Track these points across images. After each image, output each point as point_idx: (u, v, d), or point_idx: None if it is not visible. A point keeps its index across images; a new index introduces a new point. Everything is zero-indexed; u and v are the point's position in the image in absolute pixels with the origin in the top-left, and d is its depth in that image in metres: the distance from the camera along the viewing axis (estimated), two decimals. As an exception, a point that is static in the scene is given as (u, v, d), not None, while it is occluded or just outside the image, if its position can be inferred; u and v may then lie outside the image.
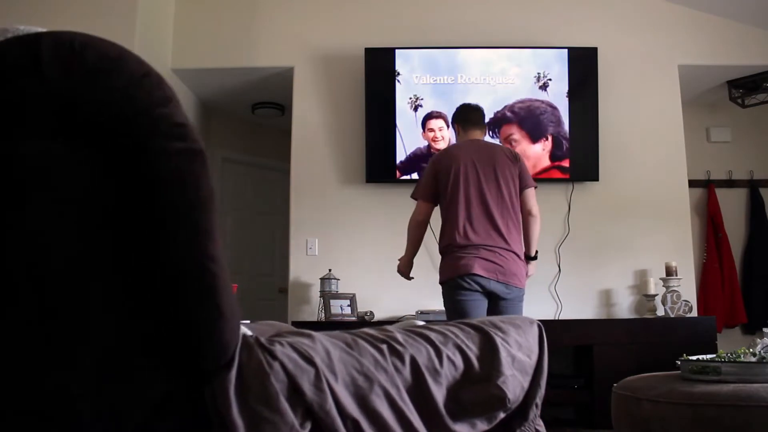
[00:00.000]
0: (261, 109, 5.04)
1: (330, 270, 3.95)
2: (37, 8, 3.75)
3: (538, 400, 1.21)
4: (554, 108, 4.08)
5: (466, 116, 3.06)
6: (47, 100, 0.73)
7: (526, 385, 1.17)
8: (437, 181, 2.91)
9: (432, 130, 4.09)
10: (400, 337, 1.05)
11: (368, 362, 0.96)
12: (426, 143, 4.09)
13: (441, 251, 2.89)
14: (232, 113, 5.23)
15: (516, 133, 4.08)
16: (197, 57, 4.33)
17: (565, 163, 4.07)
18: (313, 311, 4.03)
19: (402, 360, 1.00)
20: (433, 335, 1.08)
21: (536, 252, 2.99)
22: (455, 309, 2.77)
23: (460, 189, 2.82)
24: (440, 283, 2.87)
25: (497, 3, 4.35)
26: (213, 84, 4.63)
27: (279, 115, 5.09)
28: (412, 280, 3.08)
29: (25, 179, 0.76)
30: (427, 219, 2.97)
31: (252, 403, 0.83)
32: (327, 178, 4.19)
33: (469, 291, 2.73)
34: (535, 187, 2.96)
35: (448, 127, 4.06)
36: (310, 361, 0.89)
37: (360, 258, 4.10)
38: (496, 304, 2.79)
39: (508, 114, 4.09)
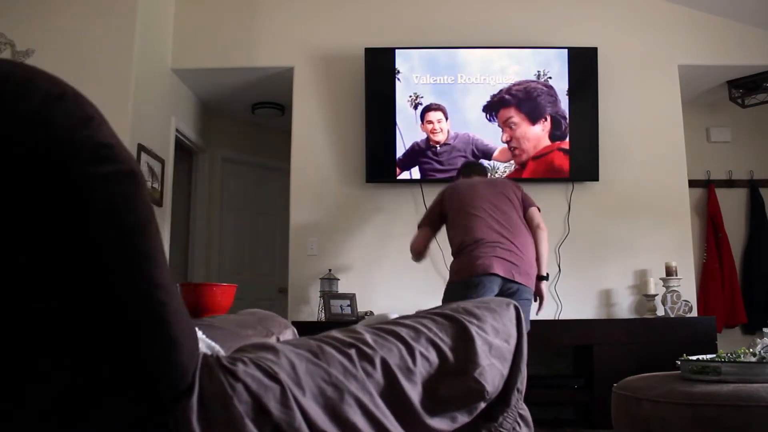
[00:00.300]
0: (261, 109, 5.05)
1: (330, 270, 3.95)
2: (37, 8, 3.75)
3: (520, 385, 1.18)
4: (550, 88, 4.08)
5: (471, 169, 3.33)
6: None
7: (505, 371, 1.14)
8: (443, 208, 3.08)
9: (431, 122, 4.09)
10: (369, 338, 1.01)
11: (336, 371, 0.92)
12: (424, 136, 4.09)
13: (455, 252, 2.98)
14: (232, 113, 5.23)
15: (515, 116, 4.09)
16: (197, 57, 4.33)
17: (565, 145, 4.06)
18: (313, 311, 4.03)
19: (372, 363, 0.97)
20: (404, 332, 1.05)
21: (547, 273, 3.06)
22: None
23: (472, 202, 2.98)
24: (451, 282, 2.92)
25: (497, 3, 4.35)
26: (213, 84, 4.63)
27: (279, 115, 5.09)
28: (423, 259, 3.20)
29: None
30: (426, 246, 3.13)
31: (216, 428, 0.79)
32: (327, 178, 4.19)
33: (480, 294, 2.74)
34: (539, 209, 3.10)
35: (446, 119, 4.08)
36: (274, 378, 0.85)
37: (360, 258, 4.10)
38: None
39: (506, 97, 4.10)
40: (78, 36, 3.70)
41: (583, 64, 4.12)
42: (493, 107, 4.09)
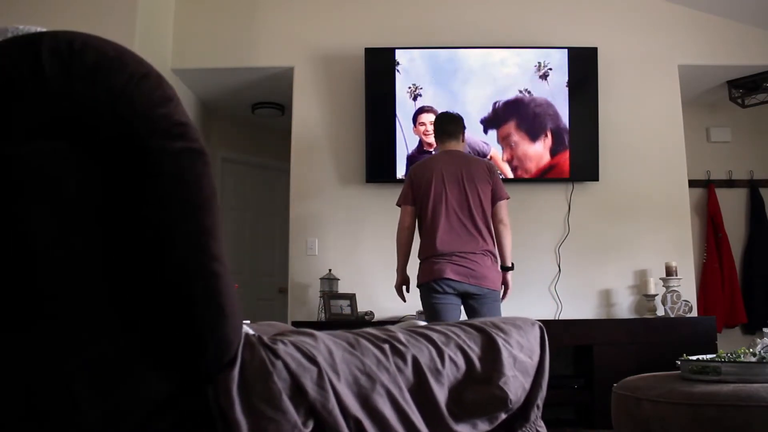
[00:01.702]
0: (261, 109, 5.04)
1: (330, 270, 3.95)
2: (37, 8, 3.75)
3: (540, 401, 1.21)
4: (549, 103, 4.08)
5: (443, 128, 3.17)
6: (48, 100, 0.73)
7: (527, 386, 1.17)
8: (413, 190, 3.07)
9: (423, 124, 4.09)
10: (402, 337, 1.05)
11: (370, 362, 0.96)
12: (416, 143, 4.09)
13: (420, 259, 3.05)
14: (232, 113, 5.23)
15: (514, 134, 4.08)
16: (197, 57, 4.33)
17: (565, 157, 4.06)
18: (313, 311, 4.03)
19: (404, 360, 1.00)
20: (435, 335, 1.08)
21: (512, 264, 3.10)
22: (430, 310, 2.95)
23: (436, 200, 2.98)
24: (417, 286, 3.04)
25: (497, 3, 4.35)
26: (213, 84, 4.63)
27: (279, 115, 5.09)
28: (408, 295, 3.21)
29: (26, 180, 0.75)
30: (413, 223, 3.11)
31: (255, 402, 0.82)
32: (327, 178, 4.19)
33: (443, 294, 2.90)
34: (508, 198, 3.08)
35: None
36: (312, 360, 0.89)
37: (360, 258, 4.10)
38: (470, 303, 2.94)
39: (502, 114, 4.09)
40: (78, 36, 3.70)
41: (583, 64, 4.12)
42: (491, 124, 4.09)
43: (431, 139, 4.03)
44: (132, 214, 0.77)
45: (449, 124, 3.16)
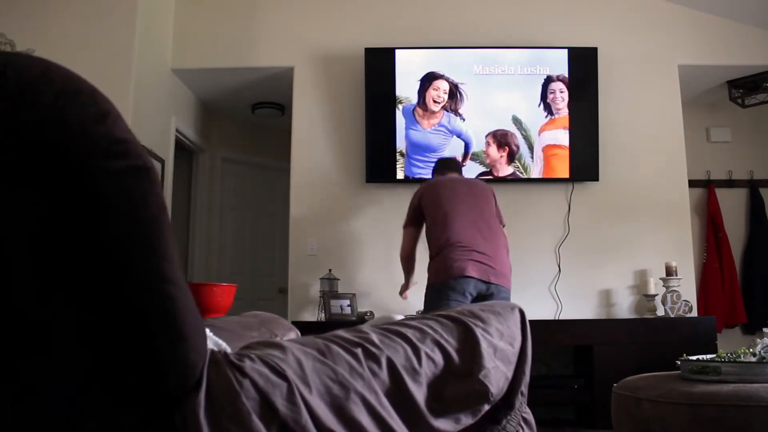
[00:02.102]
0: (261, 109, 5.05)
1: (330, 270, 3.95)
2: (37, 8, 3.75)
3: (524, 388, 1.19)
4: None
5: (444, 165, 3.33)
6: None
7: (509, 374, 1.15)
8: (421, 208, 3.12)
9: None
10: (375, 338, 1.01)
11: (343, 369, 0.93)
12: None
13: (432, 254, 3.01)
14: (232, 113, 5.23)
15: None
16: (197, 57, 4.33)
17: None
18: (313, 311, 4.03)
19: (378, 363, 0.97)
20: (410, 332, 1.05)
21: None
22: (436, 311, 2.86)
23: (449, 205, 3.00)
24: (430, 284, 2.98)
25: (497, 3, 4.35)
26: (213, 84, 4.63)
27: (279, 115, 5.09)
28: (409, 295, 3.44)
29: None
30: (413, 250, 3.22)
31: (224, 424, 0.79)
32: (327, 178, 4.19)
33: (461, 293, 2.84)
34: (504, 226, 3.19)
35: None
36: (281, 375, 0.86)
37: (360, 258, 4.10)
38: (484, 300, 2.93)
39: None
40: (78, 36, 3.70)
41: (583, 64, 4.12)
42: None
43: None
44: (76, 241, 0.72)
45: (450, 162, 3.38)
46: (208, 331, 0.93)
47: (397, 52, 4.14)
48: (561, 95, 4.08)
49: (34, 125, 0.68)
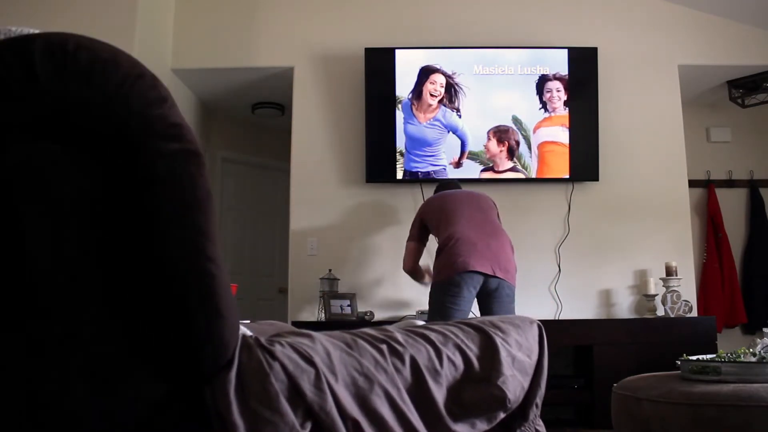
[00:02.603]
0: (261, 109, 5.04)
1: (330, 270, 3.95)
2: (38, 8, 3.75)
3: (538, 401, 1.21)
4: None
5: (446, 186, 3.39)
6: (41, 102, 0.73)
7: (526, 385, 1.17)
8: (425, 221, 3.16)
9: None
10: (400, 337, 1.04)
11: (368, 362, 0.96)
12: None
13: (437, 251, 3.02)
14: (232, 113, 5.23)
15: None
16: (197, 57, 4.33)
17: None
18: (313, 311, 4.03)
19: (402, 360, 1.00)
20: (433, 335, 1.08)
21: None
22: (442, 311, 2.85)
23: (455, 211, 3.03)
24: (435, 282, 2.97)
25: (497, 3, 4.35)
26: (213, 84, 4.63)
27: (279, 115, 5.09)
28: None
29: (18, 181, 0.75)
30: (416, 260, 3.24)
31: (252, 403, 0.82)
32: (327, 178, 4.18)
33: (460, 297, 2.82)
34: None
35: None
36: (310, 361, 0.89)
37: (360, 258, 4.10)
38: (488, 300, 2.90)
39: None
40: (78, 36, 3.70)
41: (583, 64, 4.12)
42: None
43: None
44: (127, 215, 0.77)
45: (452, 183, 3.44)
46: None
47: (397, 52, 4.14)
48: (558, 94, 4.08)
49: (100, 104, 0.74)
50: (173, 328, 0.81)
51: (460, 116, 4.08)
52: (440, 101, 4.08)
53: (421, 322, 1.29)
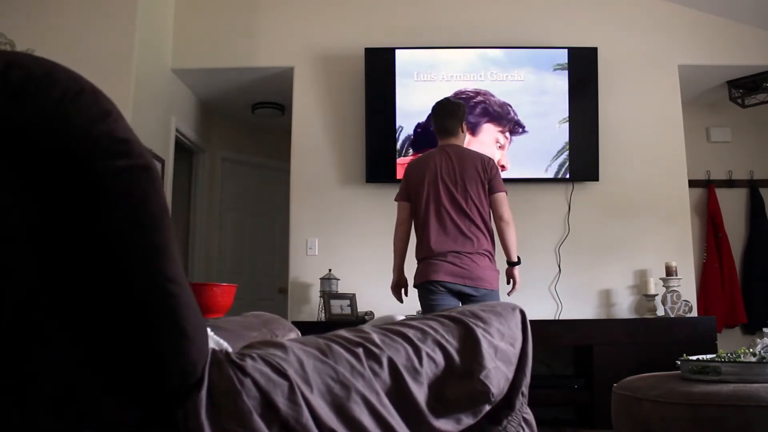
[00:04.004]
0: (261, 109, 5.04)
1: (330, 270, 3.95)
2: (37, 8, 3.74)
3: (524, 389, 1.19)
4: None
5: (440, 124, 3.06)
6: None
7: (510, 375, 1.15)
8: (409, 187, 3.04)
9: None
10: (376, 338, 1.02)
11: (344, 369, 0.93)
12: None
13: (417, 260, 3.02)
14: (232, 113, 5.23)
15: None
16: (197, 57, 4.33)
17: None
18: (313, 311, 4.03)
19: (379, 363, 0.98)
20: (411, 332, 1.05)
21: (518, 258, 3.01)
22: (427, 310, 2.92)
23: (428, 200, 2.93)
24: (414, 286, 3.01)
25: (497, 3, 4.35)
26: (213, 84, 4.63)
27: (279, 115, 5.09)
28: (406, 298, 3.16)
29: None
30: (408, 220, 3.08)
31: (225, 422, 0.80)
32: (327, 178, 4.19)
33: (438, 294, 2.87)
34: (504, 192, 2.94)
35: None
36: (282, 374, 0.86)
37: (360, 258, 4.10)
38: (468, 303, 2.87)
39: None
40: (78, 36, 3.70)
41: (583, 64, 4.12)
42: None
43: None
44: (80, 240, 0.73)
45: (447, 120, 3.03)
46: (209, 330, 0.93)
47: (397, 52, 4.14)
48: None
49: (37, 124, 0.69)
50: (137, 353, 0.78)
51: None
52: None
53: (401, 317, 1.27)
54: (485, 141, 4.09)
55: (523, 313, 1.24)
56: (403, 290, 3.15)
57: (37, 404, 0.75)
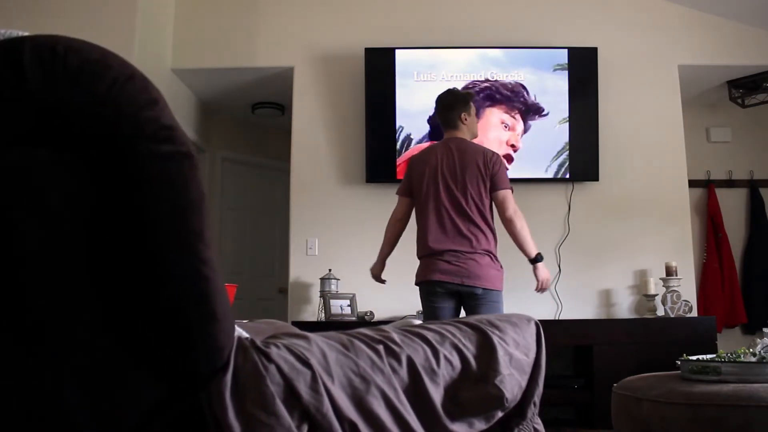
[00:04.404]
0: (261, 109, 5.04)
1: (330, 270, 3.95)
2: (37, 8, 3.74)
3: (537, 399, 1.21)
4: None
5: (442, 116, 2.99)
6: (31, 106, 0.72)
7: (524, 383, 1.17)
8: (411, 183, 2.99)
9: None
10: (396, 337, 1.04)
11: (365, 363, 0.95)
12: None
13: (417, 257, 2.99)
14: (232, 113, 5.23)
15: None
16: (197, 57, 4.33)
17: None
18: (313, 311, 4.03)
19: (399, 360, 1.00)
20: (430, 335, 1.08)
21: (538, 254, 2.94)
22: (426, 309, 2.92)
23: (430, 196, 2.87)
24: (415, 284, 2.99)
25: (497, 3, 4.35)
26: (213, 84, 4.63)
27: (279, 115, 5.09)
28: (385, 282, 3.17)
29: (9, 187, 0.73)
30: (405, 216, 3.06)
31: (248, 406, 0.82)
32: (327, 178, 4.19)
33: (437, 295, 2.84)
34: (509, 188, 2.87)
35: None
36: (306, 363, 0.89)
37: (360, 258, 4.08)
38: (468, 304, 2.84)
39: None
40: (78, 36, 3.67)
41: (583, 64, 4.12)
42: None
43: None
44: (120, 219, 0.76)
45: (448, 112, 2.95)
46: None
47: (397, 52, 4.14)
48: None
49: (91, 106, 0.73)
50: (168, 332, 0.80)
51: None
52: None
53: (418, 322, 1.29)
54: (492, 123, 4.08)
55: (538, 326, 1.27)
56: (378, 276, 3.15)
57: (67, 374, 0.77)
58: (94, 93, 0.73)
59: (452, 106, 2.96)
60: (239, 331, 0.94)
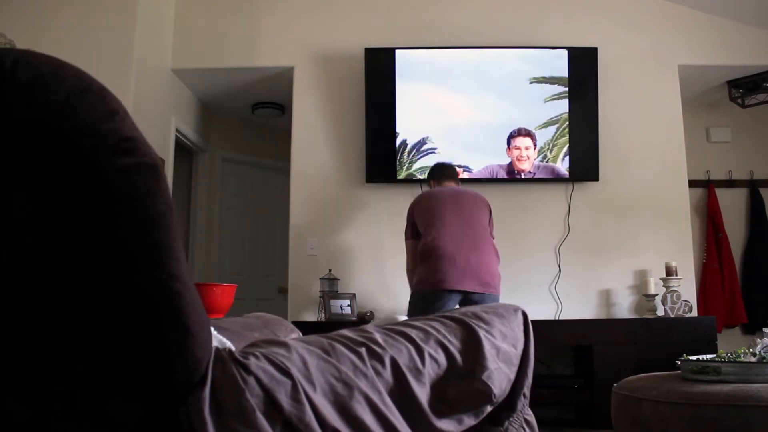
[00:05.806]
0: (261, 109, 5.04)
1: (330, 270, 3.95)
2: (37, 8, 3.74)
3: (526, 390, 1.19)
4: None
5: (441, 172, 3.34)
6: None
7: (512, 376, 1.15)
8: (415, 221, 3.14)
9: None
10: (379, 338, 1.02)
11: (347, 368, 0.94)
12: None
13: (420, 260, 3.03)
14: (232, 113, 5.23)
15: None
16: (197, 57, 4.33)
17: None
18: (313, 311, 4.03)
19: (382, 362, 0.98)
20: (413, 333, 1.06)
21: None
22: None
23: (438, 217, 3.02)
24: (414, 292, 3.02)
25: (497, 3, 4.35)
26: (213, 84, 4.63)
27: (279, 115, 5.09)
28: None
29: None
30: (417, 260, 3.16)
31: (228, 420, 0.80)
32: (327, 178, 4.19)
33: (446, 305, 2.87)
34: (493, 238, 3.15)
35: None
36: (286, 372, 0.87)
37: (360, 258, 4.09)
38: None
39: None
40: (78, 36, 3.70)
41: (583, 64, 4.12)
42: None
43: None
44: (84, 237, 0.73)
45: (446, 169, 3.37)
46: (212, 329, 0.93)
47: (397, 52, 4.14)
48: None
49: (45, 122, 0.69)
50: (142, 350, 0.78)
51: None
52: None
53: (403, 317, 1.27)
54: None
55: (525, 315, 1.24)
56: None
57: (43, 402, 0.75)
58: (48, 107, 0.69)
59: (453, 167, 3.43)
60: (218, 341, 0.93)
